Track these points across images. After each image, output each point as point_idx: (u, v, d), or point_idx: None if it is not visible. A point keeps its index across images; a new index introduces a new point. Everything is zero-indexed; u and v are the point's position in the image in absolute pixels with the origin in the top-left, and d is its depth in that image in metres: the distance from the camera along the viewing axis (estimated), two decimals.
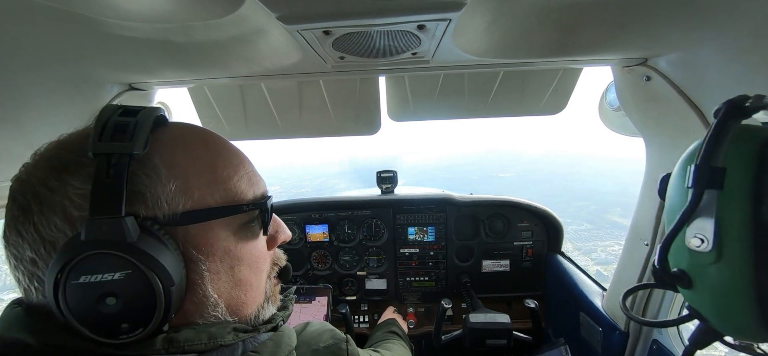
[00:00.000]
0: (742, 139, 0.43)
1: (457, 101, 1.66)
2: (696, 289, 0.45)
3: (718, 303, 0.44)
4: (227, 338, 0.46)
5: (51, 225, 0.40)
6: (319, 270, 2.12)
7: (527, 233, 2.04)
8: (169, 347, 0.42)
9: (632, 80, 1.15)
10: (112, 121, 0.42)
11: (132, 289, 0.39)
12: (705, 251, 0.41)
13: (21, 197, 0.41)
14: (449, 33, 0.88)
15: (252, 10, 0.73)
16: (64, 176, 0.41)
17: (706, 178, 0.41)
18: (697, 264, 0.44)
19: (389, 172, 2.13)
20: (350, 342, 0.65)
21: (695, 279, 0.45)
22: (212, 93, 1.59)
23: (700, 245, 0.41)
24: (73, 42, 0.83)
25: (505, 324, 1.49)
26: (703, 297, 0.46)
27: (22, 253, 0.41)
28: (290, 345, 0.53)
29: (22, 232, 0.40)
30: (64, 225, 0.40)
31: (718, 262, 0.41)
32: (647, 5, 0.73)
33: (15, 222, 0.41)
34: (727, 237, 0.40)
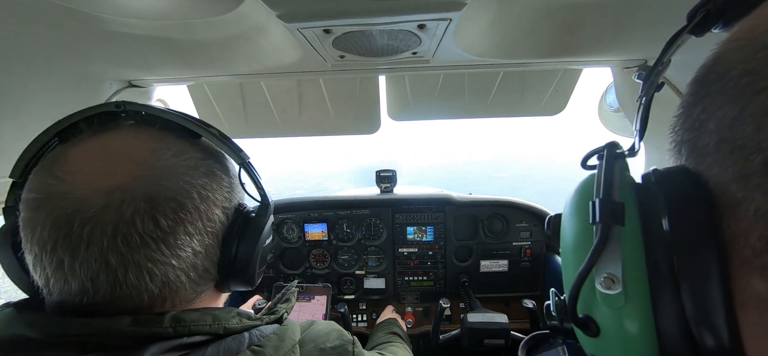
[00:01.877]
0: (629, 178, 0.42)
1: (457, 101, 1.66)
2: (603, 337, 0.41)
3: (625, 353, 0.40)
4: (232, 321, 0.48)
5: (214, 219, 0.49)
6: (317, 269, 2.12)
7: (526, 233, 2.04)
8: (176, 325, 0.43)
9: (632, 81, 1.15)
10: (220, 135, 0.54)
11: (271, 246, 0.61)
12: (615, 293, 0.38)
13: (187, 201, 0.45)
14: (450, 33, 0.88)
15: (252, 8, 0.73)
16: (218, 181, 0.50)
17: (610, 213, 0.39)
18: (607, 310, 0.40)
19: (388, 171, 2.12)
20: (357, 344, 0.65)
21: (603, 325, 0.40)
22: (212, 90, 1.59)
23: (612, 287, 0.38)
24: (72, 39, 0.83)
25: (503, 324, 1.49)
26: (610, 346, 0.41)
27: (186, 251, 0.45)
28: (293, 339, 0.54)
29: (191, 230, 0.45)
30: (221, 218, 0.50)
31: (625, 305, 0.38)
32: (647, 6, 0.73)
33: (184, 223, 0.44)
34: (632, 277, 0.37)
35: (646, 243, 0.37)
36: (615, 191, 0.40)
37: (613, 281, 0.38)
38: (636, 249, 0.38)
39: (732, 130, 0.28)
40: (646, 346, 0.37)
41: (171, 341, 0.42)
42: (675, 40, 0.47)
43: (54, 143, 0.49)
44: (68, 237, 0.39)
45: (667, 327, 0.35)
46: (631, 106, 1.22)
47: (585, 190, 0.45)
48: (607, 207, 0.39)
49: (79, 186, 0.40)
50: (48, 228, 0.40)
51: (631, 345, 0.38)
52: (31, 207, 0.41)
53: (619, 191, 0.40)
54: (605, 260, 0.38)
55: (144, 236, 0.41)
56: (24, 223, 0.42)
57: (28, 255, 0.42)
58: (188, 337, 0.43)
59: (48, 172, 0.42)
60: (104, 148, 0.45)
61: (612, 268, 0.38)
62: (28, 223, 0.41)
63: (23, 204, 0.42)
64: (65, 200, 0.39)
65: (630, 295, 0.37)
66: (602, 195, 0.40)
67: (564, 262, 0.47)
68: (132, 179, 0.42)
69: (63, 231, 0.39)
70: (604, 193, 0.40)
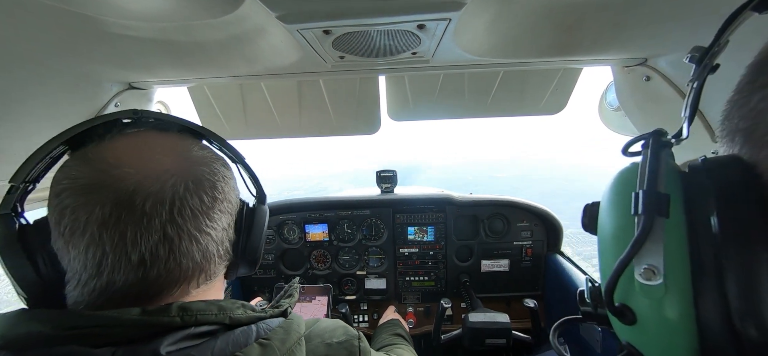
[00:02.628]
0: (674, 168, 0.41)
1: (457, 101, 1.66)
2: (640, 326, 0.41)
3: (661, 341, 0.40)
4: (237, 312, 0.50)
5: (233, 202, 0.56)
6: (318, 270, 2.12)
7: (527, 233, 2.04)
8: (183, 315, 0.45)
9: (632, 80, 1.15)
10: (208, 132, 0.60)
11: None
12: (656, 284, 0.38)
13: (219, 185, 0.52)
14: (449, 32, 0.88)
15: (252, 10, 0.73)
16: (229, 173, 0.56)
17: (655, 204, 0.38)
18: (647, 300, 0.40)
19: (389, 172, 2.12)
20: (362, 339, 0.66)
21: (641, 315, 0.41)
22: (212, 92, 1.59)
23: (652, 278, 0.38)
24: (73, 41, 0.83)
25: (505, 324, 1.49)
26: (648, 336, 0.41)
27: (220, 225, 0.52)
28: (299, 331, 0.55)
29: (222, 208, 0.53)
30: (237, 203, 0.58)
31: (665, 296, 0.38)
32: (647, 5, 0.73)
33: (218, 201, 0.51)
34: (673, 269, 0.37)
35: (691, 236, 0.37)
36: (660, 182, 0.39)
37: (654, 272, 0.38)
38: (680, 241, 0.37)
39: None
40: (686, 336, 0.37)
41: (182, 331, 0.44)
42: (734, 19, 0.44)
43: (60, 149, 0.52)
44: (132, 212, 0.43)
45: (708, 319, 0.35)
46: (631, 104, 1.21)
47: (626, 179, 0.45)
48: (651, 199, 0.38)
49: (136, 168, 0.45)
50: (109, 206, 0.42)
51: (669, 335, 0.38)
52: (85, 191, 0.43)
53: (665, 182, 0.39)
54: (646, 251, 0.38)
55: (194, 209, 0.47)
56: (71, 209, 0.43)
57: (80, 237, 0.43)
58: (196, 327, 0.45)
59: (96, 161, 0.46)
60: (145, 142, 0.50)
61: (653, 260, 0.38)
62: (82, 207, 0.43)
63: (66, 192, 0.44)
64: (125, 181, 0.44)
65: (671, 287, 0.37)
66: (646, 186, 0.40)
67: (601, 251, 0.47)
68: (177, 165, 0.48)
69: (126, 207, 0.43)
70: (649, 185, 0.40)
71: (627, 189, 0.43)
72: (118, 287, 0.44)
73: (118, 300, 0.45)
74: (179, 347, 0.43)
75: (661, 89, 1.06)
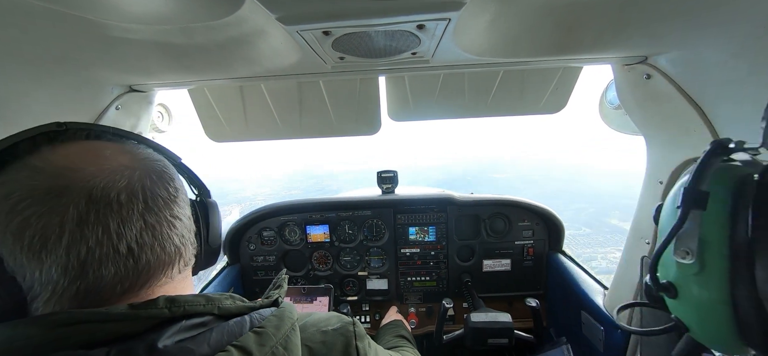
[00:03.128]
0: (724, 171, 0.51)
1: (457, 101, 1.66)
2: (681, 299, 0.52)
3: (699, 313, 0.50)
4: (226, 302, 0.51)
5: (187, 193, 0.58)
6: (320, 271, 2.12)
7: (528, 232, 2.04)
8: (171, 306, 0.45)
9: (632, 78, 1.14)
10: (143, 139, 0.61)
11: None
12: (689, 263, 0.48)
13: (174, 175, 0.55)
14: (449, 32, 0.88)
15: (252, 11, 0.73)
16: (173, 170, 0.57)
17: (693, 198, 0.48)
18: (683, 276, 0.50)
19: (390, 172, 2.12)
20: (357, 325, 0.68)
21: (680, 289, 0.52)
22: (212, 94, 1.60)
23: (686, 257, 0.48)
24: (74, 44, 0.84)
25: (507, 324, 1.48)
26: (687, 308, 0.52)
27: (184, 213, 0.55)
28: (292, 318, 0.56)
29: (183, 198, 0.56)
30: (191, 194, 0.62)
31: (699, 274, 0.48)
32: (648, 4, 0.73)
33: (179, 192, 0.54)
34: (708, 252, 0.46)
35: (732, 225, 0.46)
36: (704, 181, 0.50)
37: (688, 253, 0.49)
38: (714, 229, 0.47)
39: None
40: (720, 308, 0.47)
41: (176, 324, 0.44)
42: None
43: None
44: (109, 205, 0.44)
45: (739, 297, 0.44)
46: (632, 102, 1.21)
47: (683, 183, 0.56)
48: (689, 195, 0.50)
49: (97, 168, 0.45)
50: (84, 203, 0.42)
51: (703, 306, 0.49)
52: (50, 196, 0.41)
53: (710, 181, 0.50)
54: (683, 235, 0.50)
55: (163, 198, 0.50)
56: (36, 218, 0.40)
57: (55, 243, 0.40)
58: (187, 319, 0.46)
59: (48, 167, 0.43)
60: (92, 147, 0.49)
61: (688, 243, 0.49)
62: (50, 213, 0.40)
63: (23, 203, 0.40)
64: (92, 180, 0.43)
65: (706, 266, 0.47)
66: (689, 184, 0.50)
67: (659, 235, 0.58)
68: (135, 162, 0.49)
69: (103, 202, 0.43)
70: (691, 183, 0.51)
71: (678, 191, 0.54)
72: (106, 282, 0.44)
73: (106, 297, 0.44)
74: (176, 339, 0.43)
75: (661, 87, 1.06)
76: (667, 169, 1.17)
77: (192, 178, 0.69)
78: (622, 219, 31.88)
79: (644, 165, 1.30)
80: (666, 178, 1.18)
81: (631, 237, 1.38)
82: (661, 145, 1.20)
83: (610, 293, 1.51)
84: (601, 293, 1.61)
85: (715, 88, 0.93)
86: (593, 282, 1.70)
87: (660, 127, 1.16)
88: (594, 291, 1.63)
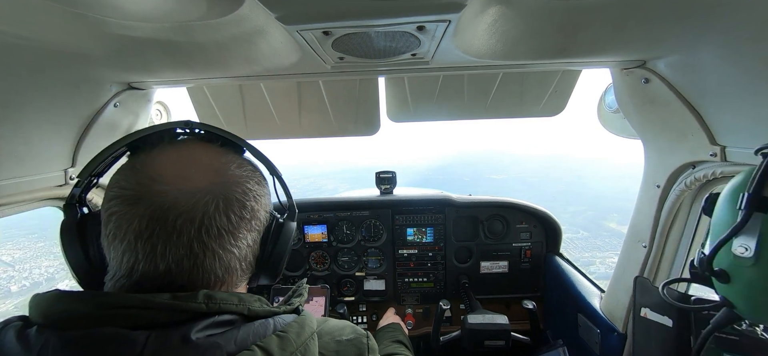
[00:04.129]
0: None
1: (457, 102, 1.66)
2: (732, 284, 0.65)
3: (749, 295, 0.63)
4: (254, 304, 0.54)
5: (262, 219, 0.60)
6: (317, 271, 2.12)
7: (526, 235, 2.04)
8: (209, 302, 0.48)
9: (631, 82, 1.15)
10: (250, 147, 0.63)
11: None
12: (747, 256, 0.59)
13: (250, 205, 0.56)
14: (449, 34, 0.88)
15: (252, 10, 0.73)
16: (262, 190, 0.60)
17: (757, 203, 0.58)
18: (738, 266, 0.62)
19: (388, 173, 2.13)
20: (371, 338, 0.69)
21: (733, 276, 0.64)
22: (211, 93, 1.59)
23: (744, 252, 0.58)
24: (73, 42, 0.83)
25: (504, 325, 1.49)
26: (737, 290, 0.65)
27: (245, 242, 0.56)
28: (312, 327, 0.59)
29: (249, 227, 0.56)
30: (266, 219, 0.61)
31: (755, 266, 0.59)
32: (646, 8, 0.73)
33: (245, 220, 0.55)
34: (766, 248, 0.58)
35: None
36: (766, 188, 0.60)
37: (746, 249, 0.59)
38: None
39: None
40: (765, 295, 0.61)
41: (207, 319, 0.48)
42: None
43: (123, 152, 0.59)
44: (164, 227, 0.48)
45: None
46: (630, 106, 1.22)
47: (741, 182, 0.66)
48: (752, 199, 0.59)
49: (173, 186, 0.49)
50: (146, 220, 0.47)
51: (756, 290, 0.62)
52: (128, 202, 0.48)
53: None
54: (744, 233, 0.60)
55: (220, 229, 0.51)
56: (117, 216, 0.49)
57: (119, 243, 0.49)
58: (219, 315, 0.49)
59: (141, 173, 0.51)
60: (188, 157, 0.55)
61: (747, 241, 0.59)
62: (124, 216, 0.48)
63: (115, 200, 0.49)
64: (163, 197, 0.48)
65: (760, 260, 0.58)
66: (752, 190, 0.60)
67: (713, 229, 0.71)
68: (212, 184, 0.52)
69: (160, 222, 0.47)
70: (755, 188, 0.60)
71: (739, 189, 0.64)
72: (146, 289, 0.48)
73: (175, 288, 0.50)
74: (206, 334, 0.47)
75: (659, 91, 1.06)
76: (665, 173, 1.18)
77: (286, 195, 0.70)
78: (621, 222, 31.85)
79: (643, 166, 1.30)
80: (663, 181, 1.19)
81: (629, 240, 1.38)
82: (658, 149, 1.21)
83: (607, 296, 1.52)
84: (598, 296, 1.61)
85: (712, 93, 0.94)
86: (590, 285, 1.70)
87: (658, 130, 1.17)
88: (591, 294, 1.63)
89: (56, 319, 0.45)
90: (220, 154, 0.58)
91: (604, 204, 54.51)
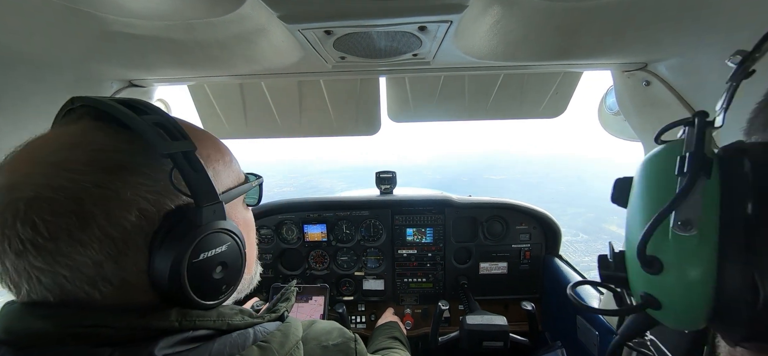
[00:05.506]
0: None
1: (458, 103, 1.66)
2: (665, 275, 0.46)
3: (683, 289, 0.45)
4: (235, 318, 0.50)
5: (123, 223, 0.40)
6: (316, 270, 2.12)
7: (525, 236, 2.04)
8: (182, 320, 0.44)
9: (632, 85, 1.15)
10: (149, 119, 0.44)
11: (231, 256, 0.50)
12: (689, 235, 0.43)
13: (74, 205, 0.38)
14: (450, 35, 0.88)
15: (253, 9, 0.73)
16: (127, 176, 0.42)
17: (700, 165, 0.43)
18: (678, 249, 0.44)
19: (388, 173, 2.12)
20: (359, 342, 0.66)
21: (668, 264, 0.46)
22: (212, 91, 1.59)
23: (689, 229, 0.43)
24: (74, 39, 0.83)
25: (502, 327, 1.49)
26: (670, 284, 0.46)
27: (80, 261, 0.39)
28: (297, 335, 0.55)
29: (84, 239, 0.39)
30: (139, 221, 0.42)
31: (697, 247, 0.43)
32: (648, 11, 0.73)
33: (69, 232, 0.38)
34: (708, 223, 0.42)
35: (725, 199, 0.42)
36: (706, 149, 0.45)
37: (690, 225, 0.43)
38: (715, 201, 0.42)
39: None
40: (706, 286, 0.42)
41: (178, 335, 0.44)
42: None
43: None
44: None
45: (730, 275, 0.40)
46: (631, 108, 1.22)
47: (664, 154, 0.52)
48: (698, 159, 0.44)
49: (7, 178, 0.40)
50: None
51: (691, 284, 0.44)
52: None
53: (708, 151, 0.46)
54: (686, 206, 0.43)
55: (25, 242, 0.37)
56: None
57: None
58: (194, 331, 0.45)
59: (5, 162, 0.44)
60: (28, 144, 0.44)
61: (691, 214, 0.43)
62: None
63: None
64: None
65: (702, 240, 0.42)
66: (694, 148, 0.45)
67: (633, 215, 0.53)
68: (22, 177, 0.39)
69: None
70: (697, 147, 0.45)
71: (667, 160, 0.50)
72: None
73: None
74: (175, 350, 0.42)
75: (660, 94, 1.06)
76: None
77: (186, 181, 0.45)
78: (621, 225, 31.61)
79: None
80: None
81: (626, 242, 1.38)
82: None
83: (606, 298, 1.52)
84: (597, 298, 1.61)
85: (713, 96, 0.94)
86: (589, 287, 1.70)
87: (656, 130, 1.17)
88: (589, 296, 1.63)
89: (17, 337, 0.40)
90: (84, 135, 0.44)
91: (604, 206, 54.50)
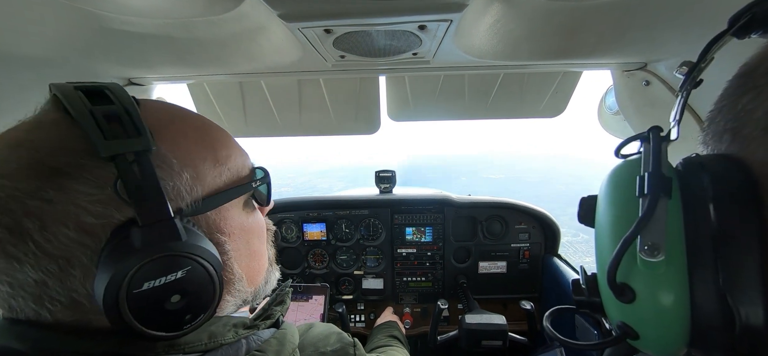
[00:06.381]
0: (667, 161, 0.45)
1: (457, 102, 1.66)
2: (638, 303, 0.43)
3: (660, 317, 0.41)
4: (228, 336, 0.45)
5: (60, 239, 0.35)
6: (316, 269, 2.12)
7: (524, 235, 2.04)
8: (169, 349, 0.41)
9: (632, 84, 1.15)
10: (99, 111, 0.37)
11: (194, 282, 0.40)
12: (657, 261, 0.40)
13: (5, 217, 0.34)
14: (450, 34, 0.88)
15: (253, 7, 0.73)
16: (66, 183, 0.35)
17: (660, 185, 0.41)
18: (647, 276, 0.41)
19: (388, 172, 2.12)
20: (358, 346, 0.64)
21: (640, 292, 0.42)
22: (212, 89, 1.59)
23: (656, 255, 0.40)
24: (73, 37, 0.83)
25: (501, 326, 1.49)
26: (645, 312, 0.43)
27: (20, 279, 0.35)
28: (293, 342, 0.52)
29: (18, 255, 0.35)
30: (80, 236, 0.36)
31: (665, 271, 0.40)
32: (648, 11, 0.73)
33: (3, 247, 0.34)
34: (674, 247, 0.40)
35: (689, 219, 0.39)
36: (663, 167, 0.43)
37: (657, 250, 0.40)
38: (678, 221, 0.40)
39: None
40: (681, 311, 0.39)
41: None
42: (716, 42, 0.50)
43: None
44: None
45: (703, 297, 0.37)
46: (631, 108, 1.22)
47: (626, 170, 0.48)
48: (657, 180, 0.41)
49: None
50: None
51: (666, 310, 0.40)
52: None
53: (666, 169, 0.43)
54: (650, 229, 0.40)
55: None
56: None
57: None
58: (183, 355, 0.42)
59: None
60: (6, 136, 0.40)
61: (656, 237, 0.40)
62: None
63: None
64: None
65: (671, 264, 0.39)
66: (652, 168, 0.43)
67: (600, 238, 0.48)
68: None
69: None
70: (654, 167, 0.43)
71: (628, 177, 0.46)
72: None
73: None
74: None
75: (660, 94, 1.06)
76: None
77: (127, 189, 0.36)
78: None
79: None
80: None
81: None
82: None
83: None
84: None
85: (713, 96, 0.94)
86: None
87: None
88: None
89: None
90: (27, 131, 0.40)
91: None
